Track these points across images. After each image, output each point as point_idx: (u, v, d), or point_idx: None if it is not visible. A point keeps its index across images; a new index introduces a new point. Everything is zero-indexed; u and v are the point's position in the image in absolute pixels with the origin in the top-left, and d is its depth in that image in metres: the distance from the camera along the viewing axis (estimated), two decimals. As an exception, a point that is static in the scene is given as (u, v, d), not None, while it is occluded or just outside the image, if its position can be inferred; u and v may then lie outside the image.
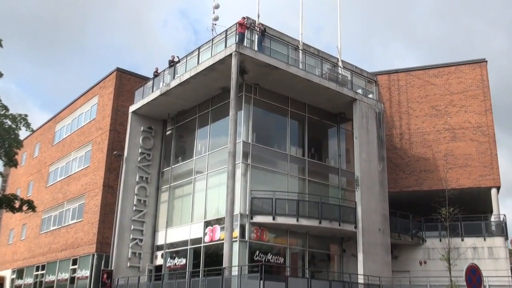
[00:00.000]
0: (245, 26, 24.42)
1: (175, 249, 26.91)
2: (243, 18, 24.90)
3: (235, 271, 20.74)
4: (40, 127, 42.33)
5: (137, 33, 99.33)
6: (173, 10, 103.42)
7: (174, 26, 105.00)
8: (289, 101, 26.68)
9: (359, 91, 28.11)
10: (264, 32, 25.46)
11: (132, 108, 29.61)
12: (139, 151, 29.14)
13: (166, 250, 27.41)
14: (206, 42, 27.02)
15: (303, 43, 28.09)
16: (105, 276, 26.80)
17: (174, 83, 26.40)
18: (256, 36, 25.03)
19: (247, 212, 23.30)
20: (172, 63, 28.47)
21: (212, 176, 25.75)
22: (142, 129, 29.48)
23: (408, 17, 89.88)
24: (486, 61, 31.18)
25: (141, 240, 28.07)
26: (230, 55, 22.90)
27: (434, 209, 25.41)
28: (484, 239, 27.54)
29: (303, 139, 27.07)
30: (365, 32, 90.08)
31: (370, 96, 29.03)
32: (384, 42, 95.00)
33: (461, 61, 31.71)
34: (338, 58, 29.63)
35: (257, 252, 23.29)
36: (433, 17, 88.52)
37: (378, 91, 31.43)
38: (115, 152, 29.18)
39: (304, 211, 24.14)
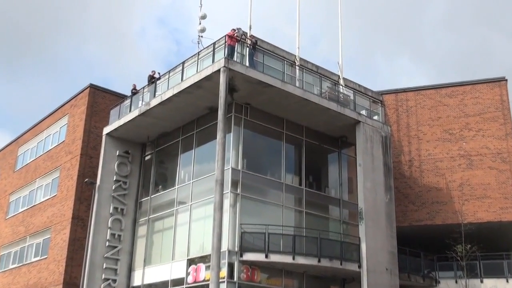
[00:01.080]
0: (235, 38, 24.75)
1: (153, 291, 26.79)
2: (233, 29, 25.28)
3: (222, 317, 20.66)
4: (0, 150, 42.26)
5: (111, 43, 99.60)
6: (151, 18, 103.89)
7: (152, 35, 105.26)
8: (284, 123, 26.93)
9: (363, 112, 28.44)
10: (256, 45, 25.82)
11: (106, 129, 29.72)
12: (114, 179, 29.14)
13: (143, 293, 27.27)
14: (191, 57, 27.31)
15: (300, 58, 28.50)
16: (72, 322, 26.55)
17: (154, 102, 26.60)
18: (248, 50, 25.37)
19: (236, 249, 23.29)
20: (153, 80, 28.72)
21: (197, 207, 25.78)
22: (117, 154, 29.54)
23: (415, 29, 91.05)
24: (506, 80, 31.66)
25: (114, 281, 27.88)
26: (218, 71, 23.16)
27: (448, 246, 25.58)
28: (507, 281, 27.63)
29: (300, 166, 27.23)
30: (367, 45, 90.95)
31: (375, 118, 29.37)
32: (388, 57, 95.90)
33: (478, 80, 32.14)
34: (339, 75, 30.04)
35: (247, 294, 23.27)
36: (443, 28, 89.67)
37: (384, 112, 31.78)
38: (86, 180, 29.15)
39: (301, 248, 24.16)
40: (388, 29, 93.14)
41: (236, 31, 25.51)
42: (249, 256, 23.33)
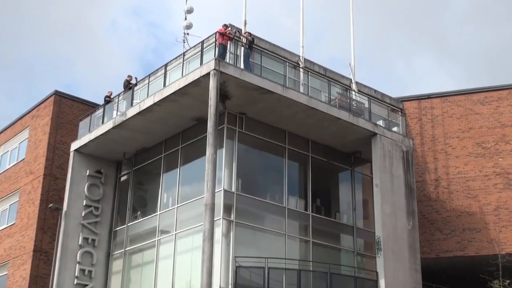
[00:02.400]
0: (227, 36, 24.80)
1: (131, 338, 26.68)
2: (225, 26, 25.31)
3: None
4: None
5: (78, 38, 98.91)
6: (124, 8, 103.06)
7: (125, 28, 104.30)
8: (287, 136, 26.92)
9: (380, 123, 28.43)
10: (253, 44, 25.88)
11: (74, 145, 29.68)
12: (84, 204, 29.04)
13: None
14: (175, 58, 27.39)
15: (305, 59, 28.53)
16: None
17: (131, 112, 26.58)
18: (242, 50, 25.40)
19: (229, 287, 23.17)
20: (129, 85, 28.71)
21: (183, 237, 25.70)
22: (88, 174, 29.49)
23: (438, 23, 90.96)
24: (549, 82, 31.82)
25: (84, 326, 27.79)
26: (208, 74, 23.15)
27: (483, 281, 25.45)
28: (552, 323, 27.49)
29: (305, 187, 27.21)
30: (382, 42, 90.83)
31: (395, 129, 29.35)
32: (407, 56, 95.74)
33: (516, 83, 32.31)
34: (351, 79, 30.07)
35: None
36: (471, 22, 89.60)
37: (406, 122, 31.81)
38: (51, 205, 29.09)
39: (308, 285, 24.07)
40: (405, 23, 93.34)
41: (229, 27, 25.54)
42: (245, 296, 23.24)
